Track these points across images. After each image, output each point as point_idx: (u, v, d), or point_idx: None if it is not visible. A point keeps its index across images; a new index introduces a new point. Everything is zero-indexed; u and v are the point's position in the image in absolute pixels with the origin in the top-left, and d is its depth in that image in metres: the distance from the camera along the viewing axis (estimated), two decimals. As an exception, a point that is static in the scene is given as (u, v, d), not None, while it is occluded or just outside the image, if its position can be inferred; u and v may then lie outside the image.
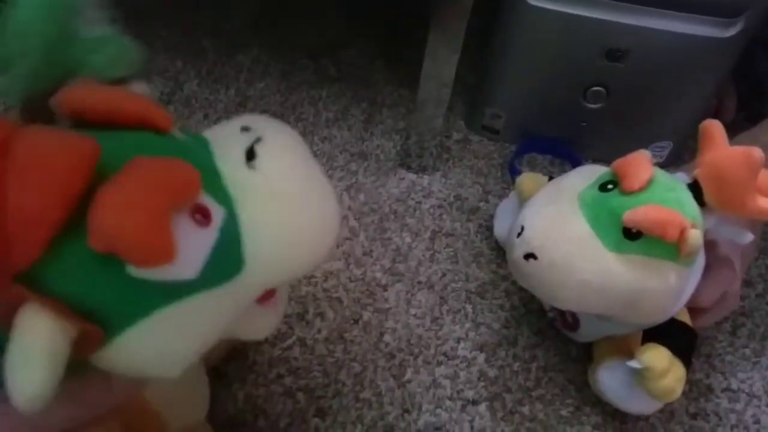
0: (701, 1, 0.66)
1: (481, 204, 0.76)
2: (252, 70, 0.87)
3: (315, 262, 0.37)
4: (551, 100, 0.78)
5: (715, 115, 0.87)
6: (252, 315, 0.37)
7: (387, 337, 0.64)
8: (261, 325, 0.40)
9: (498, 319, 0.66)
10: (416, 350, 0.63)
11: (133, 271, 0.28)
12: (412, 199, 0.76)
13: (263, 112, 0.82)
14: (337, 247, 0.70)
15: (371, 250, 0.70)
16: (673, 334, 0.53)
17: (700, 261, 0.52)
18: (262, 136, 0.35)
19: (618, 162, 0.50)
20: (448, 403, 0.60)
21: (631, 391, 0.54)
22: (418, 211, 0.75)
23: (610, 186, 0.49)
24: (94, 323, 0.28)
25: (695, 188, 0.49)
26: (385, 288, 0.67)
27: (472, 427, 0.59)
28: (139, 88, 0.52)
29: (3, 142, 0.27)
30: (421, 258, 0.70)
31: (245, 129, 0.35)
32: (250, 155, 0.34)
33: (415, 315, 0.66)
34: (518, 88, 0.79)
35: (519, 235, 0.51)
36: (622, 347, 0.56)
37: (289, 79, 0.86)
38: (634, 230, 0.46)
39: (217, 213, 0.31)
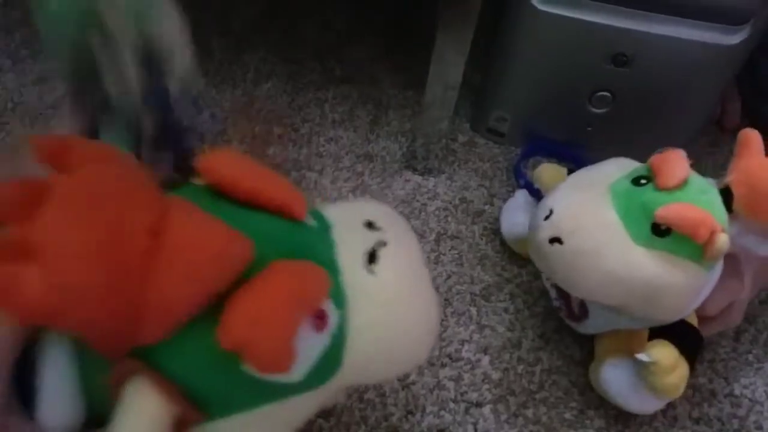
0: (708, 8, 0.67)
1: (486, 207, 0.76)
2: (259, 71, 0.87)
3: (406, 370, 0.37)
4: (557, 103, 0.78)
5: (719, 121, 0.87)
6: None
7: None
8: (330, 402, 0.40)
9: (502, 322, 0.66)
10: (420, 352, 0.63)
11: (249, 370, 0.29)
12: (418, 201, 0.76)
13: (270, 112, 0.82)
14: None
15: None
16: (681, 334, 0.53)
17: (719, 268, 0.52)
18: (387, 240, 0.35)
19: (655, 158, 0.50)
20: (451, 405, 0.60)
21: (634, 388, 0.55)
22: (423, 213, 0.75)
23: (643, 181, 0.50)
24: (197, 407, 0.29)
25: (726, 194, 0.50)
26: (389, 289, 0.67)
27: (475, 430, 0.59)
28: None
29: (156, 223, 0.27)
30: (426, 260, 0.70)
31: (370, 225, 0.35)
32: (372, 258, 0.34)
33: (419, 317, 0.66)
34: (524, 91, 0.79)
35: (547, 218, 0.51)
36: (626, 346, 0.56)
37: (295, 79, 0.87)
38: (663, 227, 0.47)
39: (333, 317, 0.31)
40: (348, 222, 0.36)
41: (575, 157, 0.82)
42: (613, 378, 0.57)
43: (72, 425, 0.29)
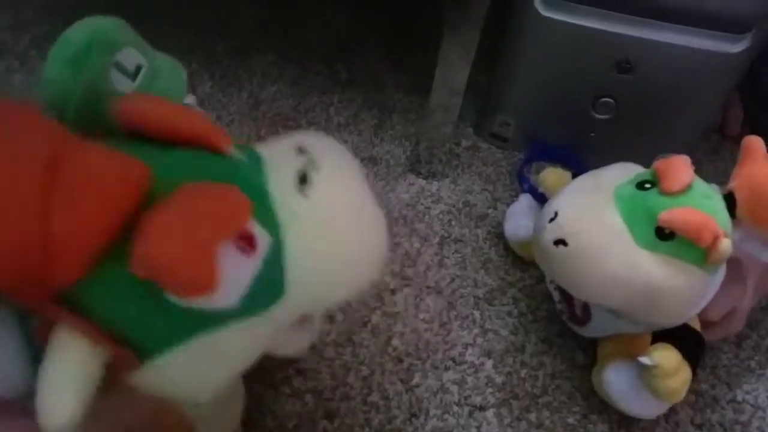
0: (710, 16, 0.67)
1: (490, 211, 0.77)
2: (265, 74, 0.88)
3: (355, 293, 0.36)
4: (560, 109, 0.78)
5: (721, 128, 0.88)
6: (287, 334, 0.36)
7: (395, 341, 0.64)
8: (296, 345, 0.39)
9: (506, 326, 0.67)
10: (424, 355, 0.64)
11: (173, 298, 0.28)
12: (422, 204, 0.76)
13: (276, 115, 0.83)
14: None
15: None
16: (683, 338, 0.54)
17: (721, 272, 0.52)
18: (318, 161, 0.34)
19: (659, 163, 0.51)
20: (455, 408, 0.61)
21: (637, 392, 0.55)
22: (427, 217, 0.75)
23: (647, 185, 0.50)
24: (129, 347, 0.28)
25: (729, 200, 0.50)
26: (393, 292, 0.68)
27: (479, 433, 0.59)
28: (188, 100, 0.52)
29: (52, 158, 0.26)
30: (429, 263, 0.71)
31: (301, 150, 0.34)
32: (303, 180, 0.33)
33: (423, 320, 0.66)
34: (528, 96, 0.80)
35: (551, 220, 0.52)
36: (628, 349, 0.57)
37: (301, 83, 0.87)
38: (667, 231, 0.47)
39: (263, 241, 0.30)
40: (278, 151, 0.35)
41: (578, 162, 0.83)
42: (616, 381, 0.57)
43: (23, 388, 0.29)
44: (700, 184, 0.50)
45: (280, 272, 0.31)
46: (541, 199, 0.70)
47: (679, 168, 0.49)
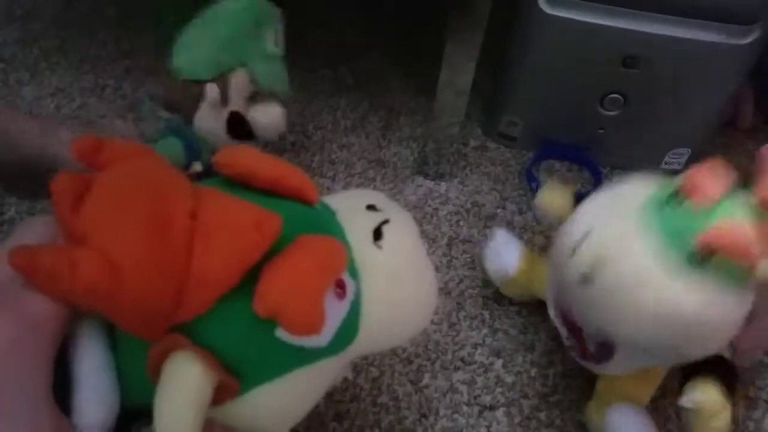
0: (718, 8, 0.67)
1: (498, 210, 0.77)
2: (271, 79, 0.88)
3: (409, 338, 0.40)
4: (568, 107, 0.78)
5: (733, 121, 0.87)
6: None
7: (404, 343, 0.64)
8: (335, 381, 0.42)
9: (515, 325, 0.67)
10: (433, 355, 0.64)
11: (282, 335, 0.31)
12: (429, 205, 0.77)
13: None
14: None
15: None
16: (718, 369, 0.50)
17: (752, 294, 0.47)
18: (390, 218, 0.38)
19: (688, 174, 0.45)
20: (465, 408, 0.61)
21: None
22: (435, 218, 0.75)
23: (676, 200, 0.45)
24: (233, 376, 0.31)
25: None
26: (402, 294, 0.68)
27: (489, 433, 0.59)
28: (274, 110, 0.67)
29: (195, 206, 0.29)
30: (438, 264, 0.71)
31: (371, 208, 0.38)
32: (377, 234, 0.37)
33: (432, 321, 0.66)
34: (535, 95, 0.80)
35: (574, 253, 0.47)
36: (637, 386, 0.54)
37: (308, 88, 0.88)
38: (704, 253, 0.42)
39: (350, 287, 0.34)
40: (350, 207, 0.39)
41: (587, 160, 0.82)
42: (620, 426, 0.53)
43: (109, 419, 0.30)
44: (732, 191, 0.45)
45: (357, 317, 0.35)
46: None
47: (710, 178, 0.44)
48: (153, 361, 0.29)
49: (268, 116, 0.66)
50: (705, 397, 0.48)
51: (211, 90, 0.61)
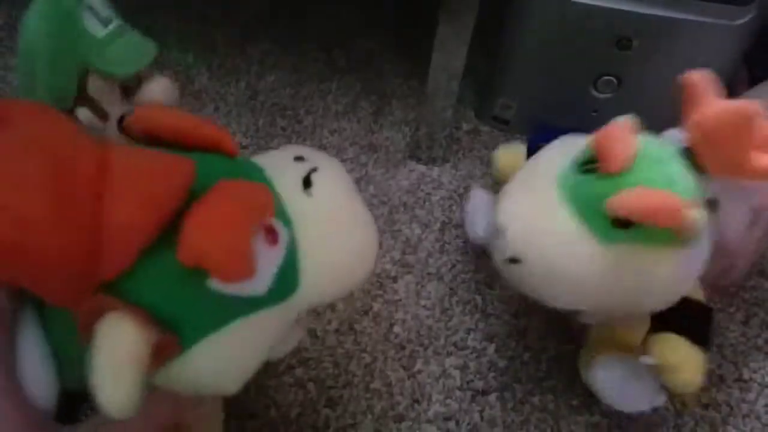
0: (713, -12, 0.66)
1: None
2: (262, 63, 0.87)
3: (356, 285, 0.40)
4: (562, 90, 0.77)
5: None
6: (287, 331, 0.39)
7: (397, 328, 0.64)
8: (289, 342, 0.41)
9: (508, 310, 0.66)
10: (426, 341, 0.64)
11: (214, 285, 0.30)
12: (422, 190, 0.76)
13: (273, 105, 0.83)
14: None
15: (381, 242, 0.70)
16: (685, 317, 0.48)
17: (707, 234, 0.45)
18: (318, 166, 0.38)
19: (596, 138, 0.44)
20: (458, 393, 0.61)
21: (627, 389, 0.52)
22: (428, 203, 0.75)
23: (590, 166, 0.44)
24: (171, 333, 0.30)
25: (690, 154, 0.43)
26: (395, 279, 0.68)
27: (482, 417, 0.59)
28: (162, 83, 0.54)
29: (103, 158, 0.28)
30: (430, 249, 0.70)
31: (299, 158, 0.38)
32: (307, 182, 0.37)
33: (424, 306, 0.66)
34: (529, 78, 0.79)
35: (499, 237, 0.46)
36: (622, 336, 0.53)
37: (299, 72, 0.87)
38: (622, 218, 0.41)
39: (283, 233, 0.34)
40: (277, 161, 0.39)
41: (581, 144, 0.82)
42: (605, 379, 0.52)
43: (46, 396, 0.30)
44: (649, 149, 0.43)
45: (295, 265, 0.35)
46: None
47: (618, 141, 0.42)
48: (84, 327, 0.28)
49: (151, 98, 0.56)
50: (662, 352, 0.47)
51: (82, 114, 0.53)
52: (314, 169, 0.37)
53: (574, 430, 0.59)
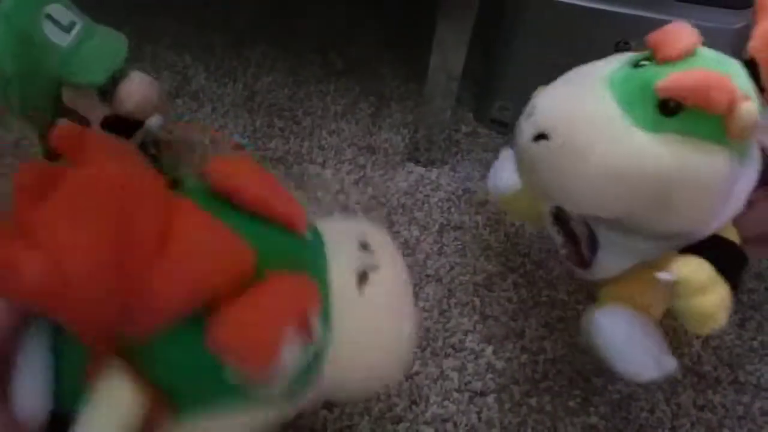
0: (710, -9, 0.66)
1: (490, 197, 0.76)
2: (260, 65, 0.87)
3: (376, 390, 0.39)
4: (559, 92, 0.77)
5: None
6: None
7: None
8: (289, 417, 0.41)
9: (506, 312, 0.66)
10: (424, 343, 0.64)
11: (230, 373, 0.29)
12: (420, 192, 0.76)
13: (271, 106, 0.83)
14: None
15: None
16: (716, 250, 0.43)
17: (755, 161, 0.41)
18: (380, 264, 0.36)
19: (653, 33, 0.41)
20: (455, 395, 0.61)
21: (632, 346, 0.45)
22: (426, 205, 0.75)
23: (644, 62, 0.41)
24: (168, 406, 0.30)
25: (750, 67, 0.41)
26: (393, 281, 0.68)
27: (479, 419, 0.59)
28: (137, 79, 0.52)
29: (167, 221, 0.28)
30: (429, 251, 0.71)
31: (364, 246, 0.36)
32: (363, 278, 0.35)
33: (423, 308, 0.66)
34: (527, 80, 0.78)
35: (530, 116, 0.43)
36: (636, 291, 0.47)
37: (296, 73, 0.87)
38: (671, 104, 0.38)
39: (317, 335, 0.32)
40: (342, 240, 0.37)
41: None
42: (608, 329, 0.46)
43: (39, 411, 0.29)
44: (708, 51, 0.41)
45: (321, 360, 0.33)
46: None
47: (677, 31, 0.40)
48: (90, 375, 0.28)
49: (128, 97, 0.51)
50: (686, 268, 0.41)
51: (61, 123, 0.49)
52: (375, 266, 0.36)
53: (571, 432, 0.59)
